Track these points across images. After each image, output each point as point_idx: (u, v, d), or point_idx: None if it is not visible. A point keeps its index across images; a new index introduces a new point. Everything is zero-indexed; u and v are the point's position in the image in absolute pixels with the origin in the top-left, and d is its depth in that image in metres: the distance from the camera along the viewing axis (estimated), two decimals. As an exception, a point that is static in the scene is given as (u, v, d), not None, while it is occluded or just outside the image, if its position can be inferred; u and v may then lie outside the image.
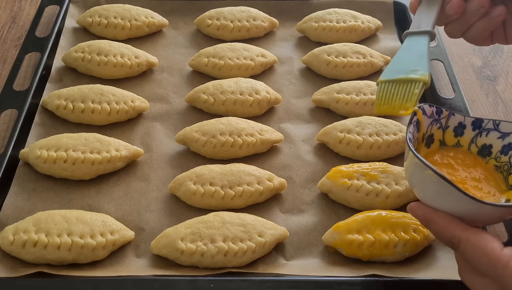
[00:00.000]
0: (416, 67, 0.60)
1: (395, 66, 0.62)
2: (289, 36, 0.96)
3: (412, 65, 0.60)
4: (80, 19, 0.92)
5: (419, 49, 0.62)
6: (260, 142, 0.74)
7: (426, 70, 0.60)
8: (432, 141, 0.60)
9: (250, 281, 0.59)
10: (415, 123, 0.57)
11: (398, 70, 0.61)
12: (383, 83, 0.61)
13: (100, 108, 0.76)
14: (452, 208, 0.51)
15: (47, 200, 0.68)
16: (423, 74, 0.59)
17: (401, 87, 0.60)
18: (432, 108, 0.59)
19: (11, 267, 0.61)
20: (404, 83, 0.60)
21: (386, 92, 0.61)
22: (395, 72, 0.61)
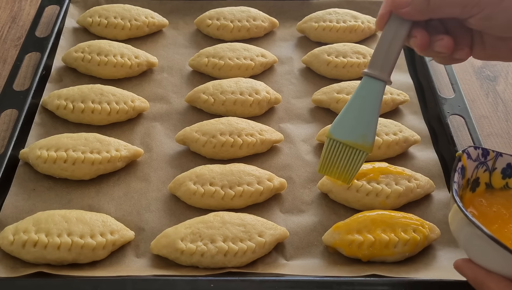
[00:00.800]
0: (365, 130, 0.59)
1: (346, 118, 0.60)
2: (289, 36, 0.96)
3: (362, 126, 0.59)
4: (80, 19, 0.92)
5: (372, 102, 0.59)
6: (260, 142, 0.74)
7: (372, 136, 0.59)
8: (478, 184, 0.57)
9: (250, 281, 0.59)
10: (459, 170, 0.54)
11: (348, 129, 0.60)
12: (331, 140, 0.60)
13: (100, 108, 0.76)
14: (503, 270, 0.49)
15: (47, 200, 0.68)
16: (369, 144, 0.59)
17: (347, 152, 0.60)
18: (477, 150, 0.57)
19: (11, 267, 0.61)
20: (351, 148, 0.60)
21: (331, 153, 0.60)
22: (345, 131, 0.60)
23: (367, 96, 0.60)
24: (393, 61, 0.59)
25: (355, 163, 0.60)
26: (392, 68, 0.59)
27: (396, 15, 0.58)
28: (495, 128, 0.84)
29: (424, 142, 0.78)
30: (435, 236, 0.65)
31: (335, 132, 0.60)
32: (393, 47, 0.58)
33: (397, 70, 0.89)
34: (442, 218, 0.68)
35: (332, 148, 0.60)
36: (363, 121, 0.60)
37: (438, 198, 0.71)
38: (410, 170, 0.71)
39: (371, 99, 0.60)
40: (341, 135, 0.60)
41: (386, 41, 0.58)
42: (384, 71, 0.59)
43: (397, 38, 0.58)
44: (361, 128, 0.60)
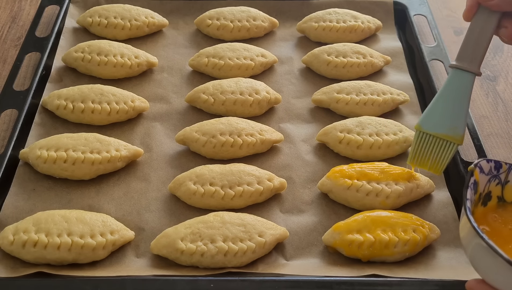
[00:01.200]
0: (455, 122, 0.61)
1: (436, 111, 0.62)
2: (289, 36, 0.96)
3: (451, 118, 0.61)
4: (80, 19, 0.92)
5: (462, 94, 0.61)
6: (260, 142, 0.74)
7: (463, 128, 0.61)
8: (490, 198, 0.56)
9: (250, 281, 0.59)
10: (472, 185, 0.53)
11: (438, 121, 0.62)
12: (421, 133, 0.62)
13: (100, 108, 0.76)
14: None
15: (47, 200, 0.68)
16: (459, 135, 0.61)
17: (437, 144, 0.62)
18: (490, 163, 0.55)
19: (11, 267, 0.61)
20: (441, 140, 0.62)
21: (421, 145, 0.63)
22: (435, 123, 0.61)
23: (457, 88, 0.61)
24: (483, 52, 0.60)
25: (446, 154, 0.62)
26: (481, 60, 0.60)
27: (484, 6, 0.58)
28: (495, 128, 0.84)
29: (424, 142, 0.78)
30: (435, 236, 0.65)
31: (425, 124, 0.62)
32: (482, 39, 0.59)
33: (397, 70, 0.90)
34: (442, 218, 0.68)
35: (422, 140, 0.62)
36: (453, 113, 0.61)
37: (438, 198, 0.71)
38: (410, 170, 0.71)
39: (460, 91, 0.61)
40: (431, 128, 0.62)
41: (474, 33, 0.59)
42: (474, 62, 0.60)
43: (487, 29, 0.59)
44: (451, 120, 0.61)
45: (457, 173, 0.72)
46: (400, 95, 0.82)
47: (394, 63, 0.91)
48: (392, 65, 0.90)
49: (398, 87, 0.86)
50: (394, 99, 0.81)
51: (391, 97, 0.81)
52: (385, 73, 0.89)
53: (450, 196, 0.71)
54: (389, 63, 0.90)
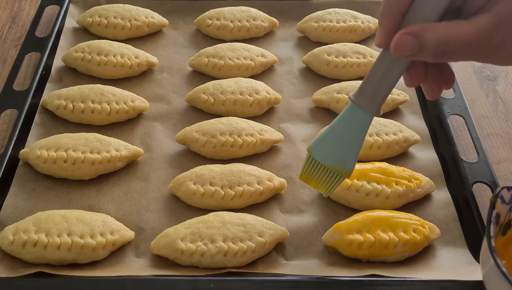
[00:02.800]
0: (344, 158, 0.57)
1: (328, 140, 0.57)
2: (289, 36, 0.96)
3: (341, 153, 0.57)
4: (80, 19, 0.92)
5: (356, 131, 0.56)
6: (260, 142, 0.74)
7: (351, 164, 0.57)
8: (509, 227, 0.53)
9: (250, 281, 0.59)
10: (494, 219, 0.50)
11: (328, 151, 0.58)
12: (311, 158, 0.59)
13: (100, 108, 0.76)
14: None
15: (47, 200, 0.68)
16: (347, 170, 0.57)
17: (325, 171, 0.59)
18: (510, 191, 0.52)
19: (11, 267, 0.61)
20: (328, 169, 0.58)
21: (311, 167, 0.59)
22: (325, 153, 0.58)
23: (352, 124, 0.56)
24: (385, 94, 0.53)
25: (332, 182, 0.59)
26: (382, 102, 0.54)
27: None
28: (495, 128, 0.84)
29: (424, 142, 0.78)
30: (435, 236, 0.65)
31: (315, 152, 0.58)
32: (387, 79, 0.52)
33: (397, 70, 0.89)
34: (442, 218, 0.68)
35: (312, 163, 0.59)
36: (344, 148, 0.57)
37: (438, 198, 0.71)
38: (410, 170, 0.71)
39: (355, 128, 0.56)
40: (320, 156, 0.58)
41: (380, 70, 0.52)
42: (374, 103, 0.53)
43: (393, 72, 0.51)
44: (340, 155, 0.57)
45: (457, 173, 0.72)
46: (400, 95, 0.82)
47: (394, 63, 0.90)
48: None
49: (398, 87, 0.85)
50: (394, 99, 0.81)
51: (391, 97, 0.81)
52: (385, 73, 0.89)
53: (450, 196, 0.71)
54: (389, 63, 0.89)
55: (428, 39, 0.46)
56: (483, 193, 0.72)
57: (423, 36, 0.46)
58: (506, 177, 0.76)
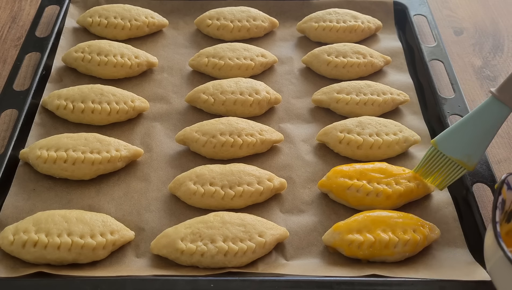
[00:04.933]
0: (472, 151, 0.60)
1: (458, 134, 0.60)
2: (289, 36, 0.96)
3: (471, 146, 0.60)
4: (80, 19, 0.92)
5: (491, 124, 0.59)
6: (260, 142, 0.74)
7: (478, 158, 0.60)
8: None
9: (250, 281, 0.59)
10: (500, 205, 0.51)
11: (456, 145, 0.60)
12: (435, 150, 0.62)
13: (100, 108, 0.76)
14: None
15: (47, 200, 0.68)
16: (473, 163, 0.60)
17: (447, 164, 0.62)
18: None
19: (11, 267, 0.61)
20: (452, 162, 0.61)
21: (432, 160, 0.63)
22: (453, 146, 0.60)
23: (488, 117, 0.59)
24: None
25: (453, 175, 0.62)
26: None
27: None
28: (495, 128, 0.84)
29: (424, 142, 0.78)
30: (435, 236, 0.65)
31: (442, 145, 0.61)
32: None
33: (397, 70, 0.90)
34: (442, 218, 0.68)
35: (434, 156, 0.62)
36: (475, 142, 0.60)
37: (438, 198, 0.71)
38: (410, 170, 0.71)
39: (491, 121, 0.59)
40: (447, 150, 0.61)
41: None
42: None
43: None
44: (469, 148, 0.60)
45: (457, 173, 0.72)
46: (400, 95, 0.82)
47: (394, 63, 0.91)
48: (392, 65, 0.90)
49: (398, 87, 0.86)
50: (394, 99, 0.81)
51: (391, 97, 0.81)
52: (385, 73, 0.89)
53: (450, 196, 0.71)
54: (389, 63, 0.90)
55: None
56: (483, 193, 0.72)
57: None
58: (506, 177, 0.76)
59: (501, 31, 1.02)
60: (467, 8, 1.08)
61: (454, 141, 0.61)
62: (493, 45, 0.99)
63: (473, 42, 1.00)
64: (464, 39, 1.00)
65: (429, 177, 0.66)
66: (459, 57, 0.96)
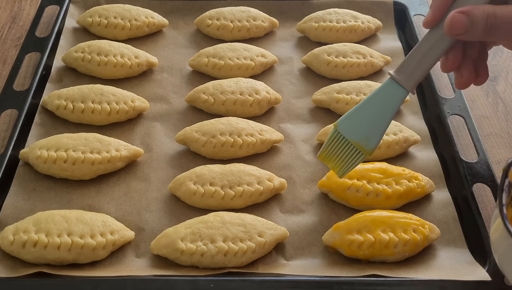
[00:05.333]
0: (371, 133, 0.59)
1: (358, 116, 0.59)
2: (289, 36, 0.96)
3: (369, 128, 0.59)
4: (80, 19, 0.92)
5: (388, 106, 0.58)
6: (260, 142, 0.74)
7: (376, 141, 0.59)
8: None
9: (250, 281, 0.59)
10: (507, 188, 0.50)
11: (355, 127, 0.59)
12: (336, 131, 0.60)
13: (100, 108, 0.76)
14: None
15: (47, 200, 0.68)
16: (370, 148, 0.59)
17: (348, 148, 0.60)
18: None
19: (11, 267, 0.61)
20: (351, 145, 0.59)
21: (334, 143, 0.60)
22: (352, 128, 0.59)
23: (385, 99, 0.58)
24: (423, 73, 0.57)
25: (352, 161, 0.60)
26: (419, 80, 0.57)
27: None
28: (495, 128, 0.84)
29: (424, 142, 0.78)
30: (435, 236, 0.65)
31: (342, 126, 0.60)
32: (427, 59, 0.56)
33: (397, 70, 0.90)
34: (442, 218, 0.68)
35: (335, 138, 0.60)
36: (373, 124, 0.59)
37: (438, 198, 0.71)
38: (410, 170, 0.71)
39: (388, 103, 0.58)
40: (346, 131, 0.60)
41: (422, 50, 0.56)
42: (411, 80, 0.57)
43: (435, 51, 0.55)
44: (367, 130, 0.59)
45: (457, 173, 0.72)
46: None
47: (394, 63, 0.91)
48: (392, 65, 0.90)
49: (398, 87, 0.85)
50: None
51: (391, 97, 0.81)
52: (385, 73, 0.89)
53: (450, 196, 0.71)
54: (389, 63, 0.90)
55: (477, 14, 0.52)
56: (483, 193, 0.72)
57: (473, 14, 0.52)
58: (506, 177, 0.76)
59: (501, 31, 1.02)
60: (467, 8, 1.07)
61: (353, 123, 0.60)
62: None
63: (473, 42, 1.00)
64: (464, 39, 1.00)
65: (331, 162, 0.62)
66: (459, 57, 0.96)
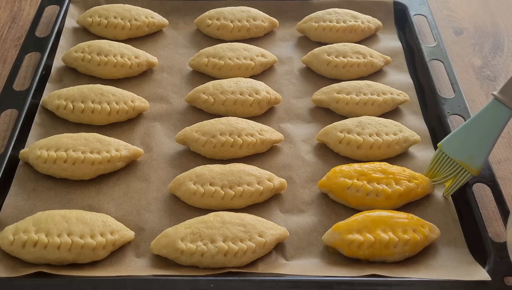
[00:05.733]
0: (476, 153, 0.63)
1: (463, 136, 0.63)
2: (289, 36, 0.96)
3: (474, 148, 0.63)
4: (80, 19, 0.92)
5: (494, 126, 0.62)
6: (260, 142, 0.74)
7: (482, 160, 0.63)
8: None
9: (250, 281, 0.59)
10: None
11: (461, 147, 0.64)
12: (440, 152, 0.66)
13: (100, 108, 0.76)
14: None
15: (47, 200, 0.68)
16: (476, 167, 0.63)
17: (453, 168, 0.65)
18: None
19: (11, 267, 0.61)
20: (457, 164, 0.65)
21: (440, 164, 0.67)
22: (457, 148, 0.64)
23: (491, 119, 0.62)
24: None
25: (459, 179, 0.65)
26: None
27: None
28: (495, 128, 0.83)
29: (424, 142, 0.78)
30: (435, 236, 0.65)
31: (446, 147, 0.64)
32: None
33: (397, 70, 0.90)
34: (442, 218, 0.68)
35: (440, 159, 0.65)
36: (478, 144, 0.62)
37: (438, 198, 0.71)
38: (410, 170, 0.71)
39: (494, 123, 0.62)
40: (451, 152, 0.64)
41: None
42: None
43: None
44: (473, 150, 0.62)
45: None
46: (400, 95, 0.82)
47: (394, 63, 0.91)
48: (392, 65, 0.90)
49: (398, 87, 0.86)
50: (394, 99, 0.81)
51: (391, 97, 0.81)
52: (385, 73, 0.89)
53: (450, 196, 0.71)
54: (389, 63, 0.90)
55: None
56: (483, 193, 0.72)
57: None
58: (506, 177, 0.76)
59: (501, 31, 1.02)
60: (467, 8, 1.08)
61: (458, 143, 0.64)
62: (493, 45, 0.99)
63: (473, 42, 1.00)
64: (464, 39, 1.00)
65: (438, 179, 0.68)
66: (459, 57, 0.96)
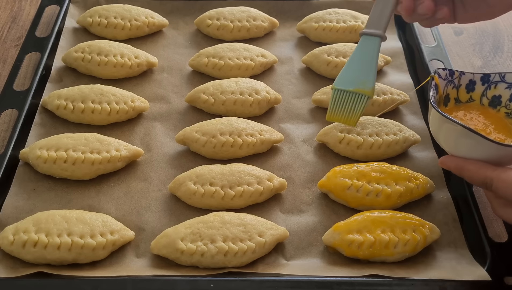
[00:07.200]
0: (365, 77, 0.70)
1: (348, 71, 0.71)
2: (289, 36, 0.96)
3: (362, 74, 0.70)
4: (80, 19, 0.92)
5: (369, 54, 0.70)
6: (260, 142, 0.74)
7: (372, 82, 0.69)
8: (449, 100, 0.69)
9: (250, 281, 0.59)
10: (434, 86, 0.66)
11: (350, 79, 0.70)
12: (336, 90, 0.71)
13: (100, 108, 0.76)
14: (477, 154, 0.59)
15: (47, 200, 0.68)
16: (369, 88, 0.69)
17: (351, 98, 0.70)
18: (445, 71, 0.68)
19: (11, 267, 0.61)
20: (353, 94, 0.70)
21: (338, 101, 0.71)
22: (347, 81, 0.70)
23: (366, 51, 0.70)
24: (387, 19, 0.69)
25: (359, 107, 0.70)
26: (386, 25, 0.69)
27: None
28: (495, 128, 0.84)
29: (424, 142, 0.78)
30: (435, 236, 0.65)
31: (339, 84, 0.70)
32: (386, 8, 0.69)
33: (397, 70, 0.90)
34: (442, 218, 0.68)
35: (337, 97, 0.70)
36: (363, 71, 0.70)
37: (438, 198, 0.71)
38: (410, 170, 0.71)
39: (369, 52, 0.70)
40: (345, 85, 0.70)
41: (379, 5, 0.69)
42: (379, 28, 0.69)
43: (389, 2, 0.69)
44: (361, 76, 0.70)
45: (457, 173, 0.72)
46: (400, 95, 0.82)
47: (394, 63, 0.91)
48: (392, 65, 0.90)
49: (398, 87, 0.86)
50: (394, 99, 0.81)
51: (391, 97, 0.81)
52: (385, 73, 0.89)
53: (450, 196, 0.71)
54: (389, 63, 0.90)
55: None
56: (483, 193, 0.72)
57: None
58: (506, 177, 0.76)
59: (501, 31, 1.02)
60: (467, 8, 1.08)
61: (346, 77, 0.70)
62: (493, 45, 0.99)
63: (473, 42, 1.00)
64: (464, 39, 1.00)
65: (340, 119, 0.71)
66: (459, 57, 0.96)
